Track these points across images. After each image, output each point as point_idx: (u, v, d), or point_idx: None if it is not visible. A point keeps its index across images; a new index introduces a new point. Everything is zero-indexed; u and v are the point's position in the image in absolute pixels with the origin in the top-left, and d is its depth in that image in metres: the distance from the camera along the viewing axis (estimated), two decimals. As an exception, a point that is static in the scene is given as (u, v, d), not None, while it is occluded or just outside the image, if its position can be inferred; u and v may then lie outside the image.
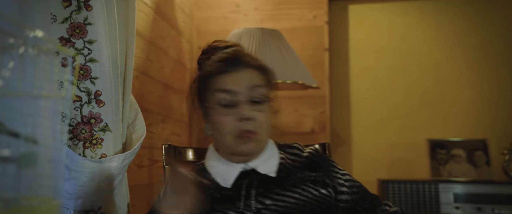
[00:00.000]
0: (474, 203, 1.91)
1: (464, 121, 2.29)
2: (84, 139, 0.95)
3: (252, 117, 0.90)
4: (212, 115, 0.94)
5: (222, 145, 0.95)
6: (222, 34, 2.17)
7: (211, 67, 0.95)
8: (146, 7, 1.68)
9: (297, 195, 0.90)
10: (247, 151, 0.92)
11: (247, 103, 0.91)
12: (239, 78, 0.92)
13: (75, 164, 0.91)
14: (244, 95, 0.91)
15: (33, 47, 0.52)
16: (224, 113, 0.91)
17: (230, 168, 0.94)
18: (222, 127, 0.91)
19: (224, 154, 0.96)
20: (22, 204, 0.42)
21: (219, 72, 0.93)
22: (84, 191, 0.93)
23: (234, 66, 0.93)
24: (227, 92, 0.91)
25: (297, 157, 1.00)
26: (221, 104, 0.92)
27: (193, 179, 0.91)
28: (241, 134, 0.90)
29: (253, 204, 0.89)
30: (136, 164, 1.54)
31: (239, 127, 0.90)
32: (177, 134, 2.00)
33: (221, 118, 0.91)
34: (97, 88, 0.96)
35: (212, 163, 0.97)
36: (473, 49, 2.34)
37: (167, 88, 1.88)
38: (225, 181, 0.93)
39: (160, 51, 1.81)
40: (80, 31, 0.94)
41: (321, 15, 2.23)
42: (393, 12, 2.41)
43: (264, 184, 0.91)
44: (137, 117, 1.10)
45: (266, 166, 0.94)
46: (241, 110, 0.90)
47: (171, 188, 0.87)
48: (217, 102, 0.92)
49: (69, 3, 0.93)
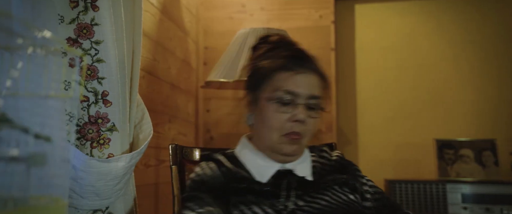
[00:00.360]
0: (482, 203, 1.89)
1: (472, 121, 2.27)
2: (92, 138, 0.96)
3: (304, 120, 0.91)
4: (264, 108, 0.93)
5: (265, 139, 0.95)
6: (228, 34, 2.17)
7: (277, 61, 0.94)
8: (152, 7, 1.68)
9: (328, 198, 0.91)
10: (289, 152, 0.93)
11: (304, 107, 0.91)
12: (303, 81, 0.92)
13: (82, 164, 0.92)
14: (303, 98, 0.91)
15: (41, 47, 0.52)
16: (280, 110, 0.91)
17: (267, 164, 0.95)
18: (273, 123, 0.92)
19: (261, 148, 0.96)
20: (31, 204, 0.42)
21: (284, 69, 0.93)
22: (91, 190, 0.94)
23: (301, 67, 0.93)
24: (290, 93, 0.91)
25: (326, 160, 1.02)
26: (279, 101, 0.91)
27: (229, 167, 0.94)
28: (289, 134, 0.91)
29: (290, 205, 0.89)
30: (143, 164, 1.54)
31: (289, 128, 0.91)
32: (184, 134, 2.01)
33: (274, 114, 0.91)
34: (104, 89, 0.96)
35: (248, 155, 0.97)
36: (481, 49, 2.32)
37: (173, 88, 1.89)
38: (261, 176, 0.93)
39: (166, 52, 1.82)
40: (87, 32, 0.94)
41: (327, 14, 2.23)
42: (399, 12, 2.40)
43: (301, 186, 0.92)
44: (144, 116, 1.10)
45: (303, 169, 0.95)
46: (298, 112, 0.90)
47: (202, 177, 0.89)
48: (275, 98, 0.92)
49: (76, 3, 0.94)
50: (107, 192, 0.96)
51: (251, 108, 0.98)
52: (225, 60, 1.76)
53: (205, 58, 2.28)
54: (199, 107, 2.24)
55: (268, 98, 0.93)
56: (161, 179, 1.71)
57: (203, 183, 0.92)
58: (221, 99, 2.26)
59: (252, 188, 0.90)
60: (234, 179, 0.92)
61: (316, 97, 0.93)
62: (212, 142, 2.24)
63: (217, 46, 2.25)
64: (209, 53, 2.27)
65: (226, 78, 1.71)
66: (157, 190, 1.68)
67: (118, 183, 0.98)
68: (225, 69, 1.73)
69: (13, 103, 0.50)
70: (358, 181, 0.98)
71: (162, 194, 1.71)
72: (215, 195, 0.89)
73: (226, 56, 1.77)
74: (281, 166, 0.95)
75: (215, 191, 0.90)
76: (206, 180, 0.93)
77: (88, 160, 0.92)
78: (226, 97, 2.24)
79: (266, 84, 0.94)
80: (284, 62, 0.93)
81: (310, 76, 0.93)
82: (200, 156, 1.17)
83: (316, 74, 0.94)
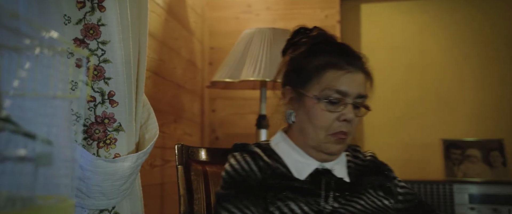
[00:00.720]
0: (490, 204, 1.88)
1: (479, 121, 2.25)
2: (98, 138, 0.96)
3: (352, 120, 0.90)
4: (311, 107, 0.91)
5: (309, 137, 0.92)
6: (233, 34, 2.17)
7: (326, 59, 0.91)
8: (158, 7, 1.69)
9: (364, 203, 0.90)
10: (334, 151, 0.91)
11: (352, 106, 0.90)
12: (353, 80, 0.90)
13: (89, 164, 0.92)
14: (352, 98, 0.90)
15: (48, 48, 0.53)
16: (328, 109, 0.89)
17: (306, 161, 0.93)
18: (319, 121, 0.90)
19: (300, 145, 0.94)
20: (39, 203, 0.42)
21: (335, 67, 0.90)
22: (98, 190, 0.94)
23: (351, 65, 0.91)
24: (340, 92, 0.89)
25: (360, 160, 1.00)
26: (328, 100, 0.89)
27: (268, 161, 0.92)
28: (337, 134, 0.90)
29: (328, 207, 0.88)
30: (148, 164, 1.55)
31: (337, 127, 0.89)
32: (189, 134, 2.01)
33: (322, 113, 0.89)
34: (110, 89, 0.97)
35: (286, 150, 0.95)
36: (488, 49, 2.30)
37: (179, 88, 1.89)
38: (298, 172, 0.91)
39: (172, 52, 1.82)
40: (93, 32, 0.95)
41: (333, 14, 2.22)
42: (406, 11, 2.38)
43: (338, 188, 0.91)
44: (150, 117, 1.11)
45: (340, 169, 0.94)
46: (346, 112, 0.89)
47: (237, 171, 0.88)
48: (323, 96, 0.89)
49: (83, 4, 0.94)
50: (113, 191, 0.96)
51: (294, 105, 0.95)
52: (230, 60, 1.76)
53: (210, 58, 2.28)
54: (204, 107, 2.24)
55: (317, 96, 0.90)
56: (167, 179, 1.72)
57: (240, 178, 0.90)
58: (227, 100, 2.26)
59: (291, 184, 0.88)
60: (273, 175, 0.90)
61: (363, 96, 0.92)
62: (217, 142, 2.24)
63: (222, 46, 2.25)
64: (215, 53, 2.27)
65: (231, 78, 1.71)
66: (162, 190, 1.69)
67: (125, 183, 0.98)
68: (230, 69, 1.73)
69: (20, 103, 0.50)
70: (392, 182, 0.96)
71: (167, 194, 1.72)
72: (252, 192, 0.87)
73: (232, 56, 1.77)
74: (320, 164, 0.93)
75: (252, 188, 0.88)
76: (243, 175, 0.90)
77: (94, 160, 0.93)
78: (232, 98, 2.24)
79: (314, 82, 0.91)
80: (334, 60, 0.91)
81: (359, 75, 0.92)
82: (206, 156, 1.17)
83: (363, 72, 0.93)
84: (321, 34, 0.97)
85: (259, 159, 0.93)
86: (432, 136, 2.24)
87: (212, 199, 1.08)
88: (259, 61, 1.68)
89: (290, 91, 0.95)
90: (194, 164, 1.11)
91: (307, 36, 0.98)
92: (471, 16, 2.32)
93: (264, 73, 1.66)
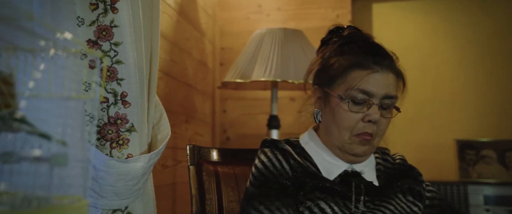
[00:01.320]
0: (506, 205, 1.84)
1: (494, 121, 2.22)
2: (111, 139, 0.97)
3: (378, 121, 0.87)
4: (336, 107, 0.89)
5: (334, 138, 0.90)
6: (244, 34, 2.17)
7: (352, 58, 0.89)
8: (169, 9, 1.70)
9: (393, 208, 0.87)
10: (359, 152, 0.89)
11: (377, 107, 0.88)
12: (379, 80, 0.87)
13: (102, 164, 0.93)
14: (378, 98, 0.88)
15: (62, 49, 0.53)
16: (353, 109, 0.87)
17: (335, 162, 0.91)
18: (344, 121, 0.88)
19: (328, 145, 0.93)
20: (54, 203, 0.43)
21: (360, 66, 0.88)
22: (111, 190, 0.95)
23: (378, 64, 0.88)
24: (364, 92, 0.87)
25: (389, 163, 0.98)
26: (352, 100, 0.87)
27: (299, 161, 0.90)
28: (361, 135, 0.88)
29: (358, 211, 0.86)
30: (160, 164, 1.56)
31: (362, 128, 0.87)
32: (200, 134, 2.02)
33: (346, 114, 0.87)
34: (123, 90, 0.97)
35: (315, 149, 0.93)
36: (503, 47, 2.26)
37: (190, 89, 1.90)
38: (328, 173, 0.90)
39: (183, 52, 1.83)
40: (106, 34, 0.96)
41: (344, 14, 2.21)
42: (418, 10, 2.36)
43: (368, 191, 0.89)
44: (161, 117, 1.11)
45: (369, 172, 0.92)
46: (371, 113, 0.86)
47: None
48: (348, 96, 0.87)
49: (96, 6, 0.95)
50: (126, 192, 0.97)
51: (321, 105, 0.94)
52: (241, 61, 1.76)
53: (221, 59, 2.29)
54: (215, 107, 2.25)
55: (341, 96, 0.88)
56: (178, 179, 1.72)
57: (271, 177, 0.88)
58: (238, 100, 2.26)
59: (321, 184, 0.86)
60: (304, 174, 0.88)
61: (391, 97, 0.89)
62: (228, 142, 2.25)
63: (233, 47, 2.25)
64: (226, 53, 2.28)
65: (242, 79, 1.71)
66: (174, 190, 1.70)
67: (137, 183, 0.99)
68: (241, 69, 1.73)
69: (35, 104, 0.50)
70: (421, 187, 0.94)
71: (179, 194, 1.72)
72: (284, 192, 0.86)
73: (243, 56, 1.77)
74: (349, 166, 0.91)
75: (283, 188, 0.86)
76: (274, 174, 0.88)
77: (107, 160, 0.93)
78: (243, 98, 2.24)
79: (339, 82, 0.89)
80: (360, 59, 0.88)
81: (387, 75, 0.88)
82: (217, 156, 1.17)
83: (392, 72, 0.90)
84: (352, 33, 0.96)
85: (290, 156, 0.91)
86: (445, 136, 2.21)
87: (224, 200, 1.08)
88: (270, 61, 1.68)
89: (318, 91, 0.95)
90: (205, 164, 1.11)
91: (338, 36, 0.96)
92: (484, 14, 2.29)
93: (275, 74, 1.65)
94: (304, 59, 1.70)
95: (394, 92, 0.89)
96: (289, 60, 1.68)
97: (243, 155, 1.21)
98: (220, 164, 1.15)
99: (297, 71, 1.67)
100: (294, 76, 1.66)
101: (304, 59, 1.70)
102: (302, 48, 1.73)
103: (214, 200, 1.07)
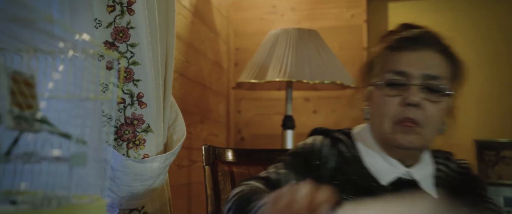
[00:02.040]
0: (526, 208, 1.80)
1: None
2: (128, 139, 0.98)
3: (418, 104, 0.77)
4: (374, 95, 0.83)
5: (378, 131, 0.82)
6: (259, 35, 2.17)
7: (386, 43, 0.84)
8: (185, 10, 1.71)
9: None
10: (403, 143, 0.78)
11: (419, 89, 0.78)
12: (416, 59, 0.79)
13: (119, 164, 0.94)
14: (417, 79, 0.78)
15: (81, 51, 0.54)
16: (389, 93, 0.79)
17: (387, 164, 0.82)
18: (382, 109, 0.80)
19: (380, 143, 0.83)
20: (73, 202, 0.44)
21: (393, 48, 0.81)
22: (128, 190, 0.96)
23: (413, 44, 0.80)
24: (399, 73, 0.79)
25: (451, 170, 0.88)
26: (388, 84, 0.80)
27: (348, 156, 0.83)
28: (401, 120, 0.78)
29: None
30: (176, 164, 1.57)
31: (401, 113, 0.78)
32: (215, 135, 2.03)
33: (383, 99, 0.80)
34: (139, 90, 0.98)
35: (367, 149, 0.84)
36: (523, 46, 2.21)
37: (205, 89, 1.91)
38: (380, 176, 0.81)
39: (198, 53, 1.84)
40: (123, 35, 0.97)
41: (359, 14, 2.19)
42: (435, 9, 2.32)
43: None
44: (177, 118, 1.12)
45: (426, 181, 0.82)
46: (409, 94, 0.77)
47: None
48: (384, 81, 0.80)
49: (113, 8, 0.96)
50: (142, 191, 0.98)
51: (367, 99, 0.87)
52: (256, 61, 1.76)
53: (236, 59, 2.29)
54: (230, 107, 2.25)
55: (377, 82, 0.81)
56: (194, 179, 1.73)
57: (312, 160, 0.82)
58: (252, 100, 2.26)
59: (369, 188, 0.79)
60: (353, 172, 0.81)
61: (434, 77, 0.79)
62: (243, 142, 2.25)
63: (248, 47, 2.25)
64: (240, 54, 2.28)
65: (257, 79, 1.71)
66: (189, 190, 1.71)
67: (153, 183, 0.99)
68: (256, 70, 1.73)
69: (55, 105, 0.51)
70: (487, 204, 0.83)
71: (194, 194, 1.73)
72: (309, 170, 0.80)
73: (257, 57, 1.77)
74: (405, 172, 0.81)
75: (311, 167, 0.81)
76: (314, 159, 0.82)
77: (124, 160, 0.94)
78: (257, 98, 2.24)
79: (375, 69, 0.83)
80: (395, 41, 0.82)
81: (427, 54, 0.80)
82: (232, 156, 1.17)
83: (435, 51, 0.81)
84: (400, 25, 0.89)
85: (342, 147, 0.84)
86: (464, 136, 2.17)
87: (238, 200, 1.08)
88: (284, 62, 1.68)
89: (363, 87, 0.89)
90: (221, 164, 1.12)
91: (388, 32, 0.90)
92: (502, 12, 2.24)
93: (289, 74, 1.65)
94: (319, 59, 1.69)
95: (437, 72, 0.79)
96: (304, 60, 1.68)
97: (258, 155, 1.21)
98: (235, 164, 1.15)
99: (312, 71, 1.66)
100: (309, 76, 1.66)
101: (319, 59, 1.69)
102: (317, 48, 1.72)
103: (229, 200, 1.08)
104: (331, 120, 2.13)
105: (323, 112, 2.15)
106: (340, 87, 1.80)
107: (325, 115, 2.15)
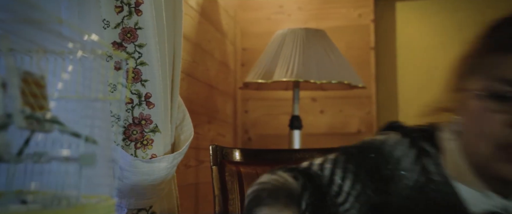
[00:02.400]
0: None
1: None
2: (136, 139, 0.99)
3: None
4: (470, 106, 0.65)
5: (472, 152, 0.65)
6: (266, 35, 2.17)
7: (493, 40, 0.66)
8: (192, 10, 1.71)
9: None
10: (506, 175, 0.61)
11: None
12: None
13: (127, 164, 0.95)
14: None
15: (89, 51, 0.54)
16: (494, 108, 0.61)
17: (477, 193, 0.66)
18: (482, 126, 0.62)
19: (473, 166, 0.66)
20: (83, 202, 0.44)
21: (503, 49, 0.63)
22: (136, 190, 0.96)
23: None
24: (510, 83, 0.60)
25: None
26: (492, 95, 0.61)
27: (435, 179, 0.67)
28: (507, 146, 0.60)
29: None
30: (183, 164, 1.57)
31: (508, 136, 0.60)
32: (222, 135, 2.03)
33: (484, 115, 0.62)
34: (147, 91, 0.99)
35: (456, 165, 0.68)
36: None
37: (212, 89, 1.91)
38: (470, 203, 0.66)
39: (205, 53, 1.84)
40: (131, 36, 0.97)
41: (366, 13, 2.18)
42: (444, 8, 2.30)
43: None
44: (184, 118, 1.12)
45: None
46: None
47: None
48: (486, 90, 0.62)
49: (121, 8, 0.97)
50: (150, 191, 0.98)
51: (458, 109, 0.70)
52: (263, 61, 1.76)
53: (243, 59, 2.30)
54: (237, 108, 2.25)
55: (476, 92, 0.63)
56: (201, 179, 1.74)
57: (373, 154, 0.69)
58: (259, 100, 2.26)
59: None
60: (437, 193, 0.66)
61: None
62: (250, 142, 2.25)
63: (255, 48, 2.26)
64: (247, 54, 2.28)
65: (264, 79, 1.71)
66: (197, 190, 1.71)
67: (161, 183, 1.00)
68: (263, 70, 1.73)
69: (65, 105, 0.52)
70: None
71: (202, 194, 1.74)
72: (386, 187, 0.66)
73: (264, 57, 1.77)
74: (503, 205, 0.64)
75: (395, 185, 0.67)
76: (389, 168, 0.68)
77: (132, 160, 0.95)
78: (264, 98, 2.24)
79: (474, 74, 0.66)
80: (503, 40, 0.64)
81: None
82: (240, 157, 1.17)
83: None
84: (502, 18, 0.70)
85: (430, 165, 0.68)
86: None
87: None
88: (291, 61, 1.67)
89: (453, 93, 0.73)
90: (228, 164, 1.12)
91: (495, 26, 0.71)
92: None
93: (297, 74, 1.65)
94: (326, 59, 1.69)
95: None
96: (311, 60, 1.68)
97: (265, 155, 1.21)
98: (243, 164, 1.15)
99: (319, 71, 1.66)
100: (316, 76, 1.65)
101: (326, 59, 1.69)
102: (324, 48, 1.72)
103: (237, 200, 1.08)
104: (338, 120, 2.13)
105: (330, 112, 2.15)
106: (348, 87, 1.79)
107: (332, 115, 2.14)
